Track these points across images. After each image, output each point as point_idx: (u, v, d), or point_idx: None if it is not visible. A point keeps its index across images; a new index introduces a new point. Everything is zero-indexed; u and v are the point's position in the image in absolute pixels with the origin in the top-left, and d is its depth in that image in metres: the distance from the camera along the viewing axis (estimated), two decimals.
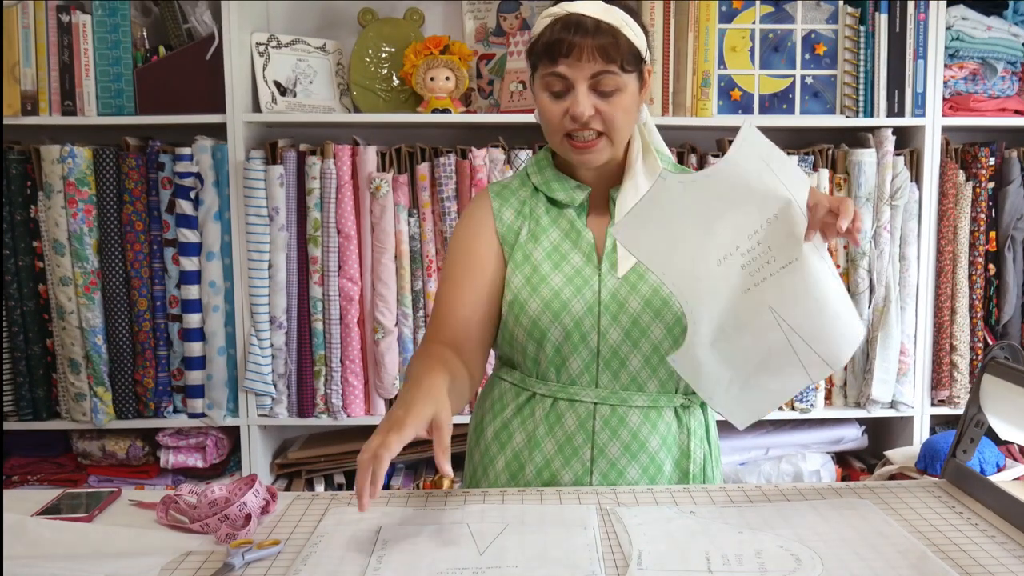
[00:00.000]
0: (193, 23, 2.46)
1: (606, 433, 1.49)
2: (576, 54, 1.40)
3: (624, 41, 1.42)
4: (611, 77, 1.41)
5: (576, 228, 1.51)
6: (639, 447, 1.49)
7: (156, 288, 2.44)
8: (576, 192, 1.52)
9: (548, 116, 1.46)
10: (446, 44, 2.47)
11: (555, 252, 1.51)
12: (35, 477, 2.51)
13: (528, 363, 1.53)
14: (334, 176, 2.40)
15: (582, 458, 1.49)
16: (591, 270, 1.49)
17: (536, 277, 1.49)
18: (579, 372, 1.49)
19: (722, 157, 1.28)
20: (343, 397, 2.48)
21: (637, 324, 1.47)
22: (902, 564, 1.15)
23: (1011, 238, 2.50)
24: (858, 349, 2.49)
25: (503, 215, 1.55)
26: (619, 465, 1.49)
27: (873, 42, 2.44)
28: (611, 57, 1.41)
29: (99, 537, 1.26)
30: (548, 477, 1.51)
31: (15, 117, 2.40)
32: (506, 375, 1.58)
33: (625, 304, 1.47)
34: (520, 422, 1.53)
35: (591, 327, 1.47)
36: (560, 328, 1.47)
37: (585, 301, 1.47)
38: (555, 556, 1.17)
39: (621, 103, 1.44)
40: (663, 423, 1.51)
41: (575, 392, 1.49)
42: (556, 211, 1.54)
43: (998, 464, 1.93)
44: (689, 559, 1.16)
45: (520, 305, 1.49)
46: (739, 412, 1.38)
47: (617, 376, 1.49)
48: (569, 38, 1.40)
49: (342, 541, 1.23)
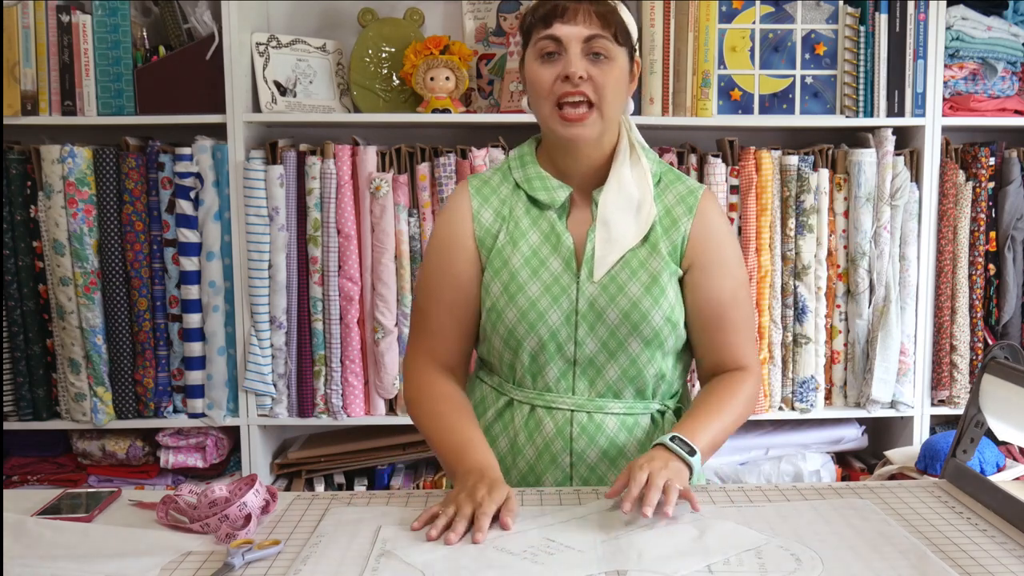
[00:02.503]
0: (193, 23, 2.46)
1: (584, 439, 1.48)
2: (571, 15, 1.41)
3: (618, 16, 1.44)
4: (604, 42, 1.42)
5: (556, 231, 1.49)
6: (617, 453, 1.49)
7: (156, 288, 2.44)
8: (558, 192, 1.50)
9: (539, 82, 1.44)
10: (446, 44, 2.47)
11: (534, 257, 1.48)
12: (35, 477, 2.51)
13: (505, 369, 1.53)
14: (334, 176, 2.40)
15: (561, 464, 1.49)
16: (569, 277, 1.47)
17: (514, 285, 1.47)
18: (555, 380, 1.48)
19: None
20: (343, 397, 2.47)
21: (615, 336, 1.46)
22: (902, 564, 1.15)
23: (1011, 238, 2.50)
24: (859, 349, 2.51)
25: (482, 217, 1.52)
26: (599, 471, 1.49)
27: (873, 42, 2.44)
28: (606, 22, 1.42)
29: (99, 537, 1.26)
30: (532, 482, 1.51)
31: (15, 117, 2.40)
32: (486, 377, 1.58)
33: (603, 315, 1.45)
34: (502, 427, 1.53)
35: (568, 337, 1.46)
36: (536, 338, 1.46)
37: (562, 311, 1.46)
38: (554, 556, 1.17)
39: (612, 73, 1.43)
40: (640, 429, 1.50)
41: (552, 399, 1.49)
42: (537, 211, 1.51)
43: (998, 464, 1.93)
44: (693, 561, 1.16)
45: (497, 314, 1.48)
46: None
47: (593, 384, 1.48)
48: (564, 2, 1.42)
49: (342, 541, 1.23)
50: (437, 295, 1.53)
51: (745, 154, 2.44)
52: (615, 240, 1.46)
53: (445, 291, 1.52)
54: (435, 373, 1.53)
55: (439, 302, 1.53)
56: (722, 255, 1.51)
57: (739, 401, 1.50)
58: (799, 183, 2.44)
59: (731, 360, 1.53)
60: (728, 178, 2.43)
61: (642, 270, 1.46)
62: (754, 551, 1.18)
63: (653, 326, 1.45)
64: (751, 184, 2.42)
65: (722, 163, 2.43)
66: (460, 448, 1.42)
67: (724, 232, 1.53)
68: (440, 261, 1.53)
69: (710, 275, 1.50)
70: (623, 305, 1.45)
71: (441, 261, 1.53)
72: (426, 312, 1.55)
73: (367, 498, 1.41)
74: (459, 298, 1.52)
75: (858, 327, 2.49)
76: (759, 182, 2.43)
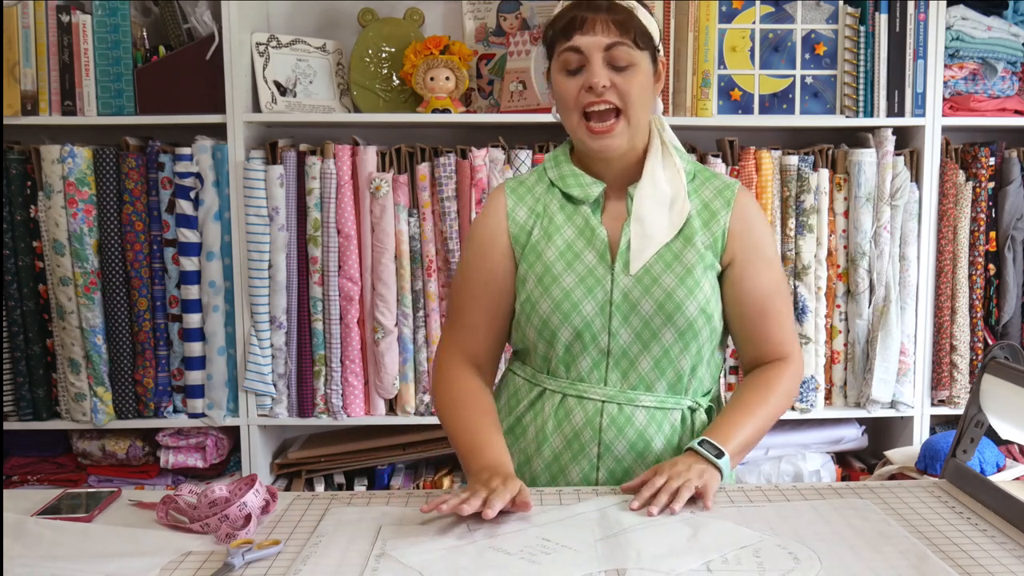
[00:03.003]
0: (193, 23, 2.46)
1: (613, 431, 1.49)
2: (590, 27, 1.44)
3: (637, 21, 1.46)
4: (625, 49, 1.44)
5: (591, 225, 1.52)
6: (644, 446, 1.50)
7: (156, 288, 2.44)
8: (592, 188, 1.52)
9: (564, 94, 1.48)
10: (446, 44, 2.47)
11: (568, 251, 1.51)
12: (35, 477, 2.51)
13: (539, 360, 1.54)
14: (334, 176, 2.40)
15: (589, 455, 1.50)
16: (604, 269, 1.49)
17: (548, 277, 1.50)
18: (588, 370, 1.50)
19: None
20: (343, 397, 2.47)
21: (648, 327, 1.47)
22: (902, 564, 1.15)
23: (1011, 238, 2.50)
24: (859, 349, 2.50)
25: (516, 214, 1.55)
26: (625, 463, 1.50)
27: (873, 42, 2.44)
28: (625, 29, 1.44)
29: (99, 537, 1.26)
30: (556, 471, 1.52)
31: (15, 117, 2.40)
32: (519, 370, 1.60)
33: (637, 306, 1.47)
34: (532, 416, 1.55)
35: (602, 327, 1.48)
36: (570, 328, 1.48)
37: (597, 302, 1.48)
38: (551, 555, 1.17)
39: (635, 79, 1.46)
40: (668, 424, 1.51)
41: (584, 389, 1.50)
42: (571, 207, 1.54)
43: (998, 464, 1.93)
44: (690, 560, 1.16)
45: (532, 305, 1.50)
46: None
47: (626, 376, 1.50)
48: (582, 14, 1.45)
49: (342, 541, 1.23)
50: (471, 291, 1.57)
51: (745, 154, 2.44)
52: (649, 235, 1.49)
53: (479, 287, 1.56)
54: (464, 368, 1.56)
55: (473, 298, 1.57)
56: (762, 247, 1.54)
57: (776, 396, 1.53)
58: (799, 183, 2.44)
59: (773, 350, 1.56)
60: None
61: (676, 262, 1.48)
62: (752, 550, 1.18)
63: (687, 316, 1.46)
64: (751, 184, 2.42)
65: (722, 163, 2.43)
66: (478, 447, 1.45)
67: (762, 225, 1.57)
68: (475, 258, 1.57)
69: (752, 267, 1.53)
70: (657, 296, 1.47)
71: (476, 258, 1.57)
72: (460, 307, 1.59)
73: (367, 498, 1.41)
74: (492, 294, 1.56)
75: (858, 327, 2.49)
76: (759, 182, 2.43)
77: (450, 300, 1.63)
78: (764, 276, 1.53)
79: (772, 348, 1.56)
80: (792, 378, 1.57)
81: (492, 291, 1.56)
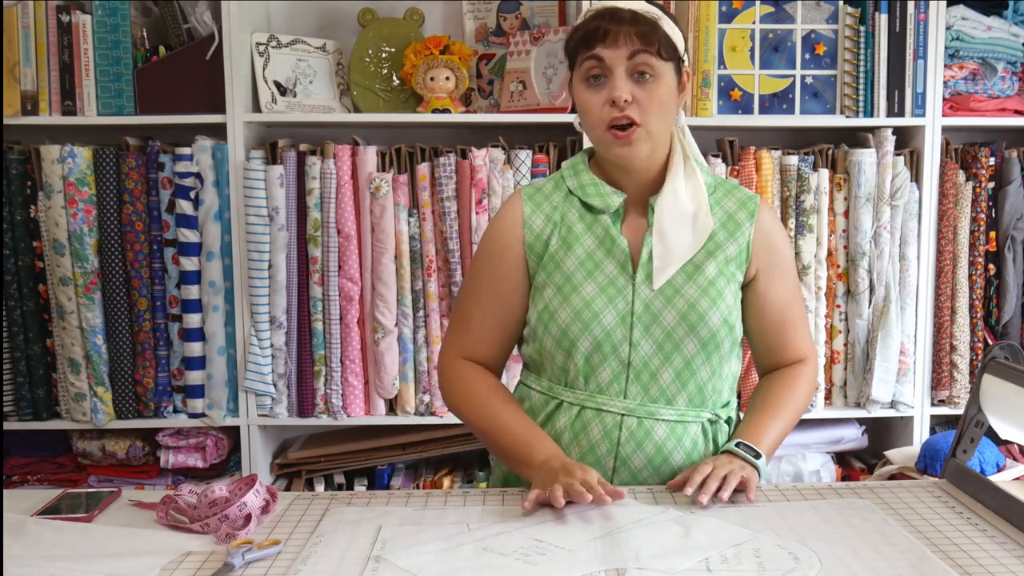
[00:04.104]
0: (193, 23, 2.46)
1: (631, 445, 1.47)
2: (612, 38, 1.42)
3: (661, 31, 1.44)
4: (647, 58, 1.42)
5: (611, 236, 1.49)
6: (662, 461, 1.48)
7: (156, 288, 2.44)
8: (612, 198, 1.50)
9: (588, 106, 1.46)
10: (446, 44, 2.47)
11: (588, 260, 1.49)
12: (35, 477, 2.51)
13: (556, 371, 1.52)
14: (334, 176, 2.40)
15: (604, 467, 1.48)
16: (625, 280, 1.48)
17: (568, 287, 1.48)
18: (608, 382, 1.47)
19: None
20: (343, 397, 2.47)
21: (671, 338, 1.46)
22: (902, 564, 1.15)
23: (1011, 238, 2.50)
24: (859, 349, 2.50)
25: (533, 222, 1.53)
26: (641, 477, 1.49)
27: (873, 42, 2.44)
28: (648, 40, 1.42)
29: (99, 537, 1.26)
30: None
31: (15, 117, 2.40)
32: (533, 383, 1.57)
33: (659, 317, 1.46)
34: (548, 430, 1.52)
35: (623, 338, 1.46)
36: (590, 338, 1.46)
37: (617, 312, 1.46)
38: (546, 556, 1.17)
39: (657, 92, 1.44)
40: (688, 438, 1.49)
41: (603, 402, 1.48)
42: (591, 217, 1.51)
43: (998, 464, 1.93)
44: (688, 558, 1.16)
45: (550, 314, 1.48)
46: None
47: (647, 389, 1.47)
48: (605, 25, 1.43)
49: (342, 541, 1.23)
50: (480, 298, 1.55)
51: (745, 154, 2.44)
52: (672, 251, 1.48)
53: (488, 295, 1.55)
54: (476, 367, 1.56)
55: (480, 304, 1.55)
56: (783, 259, 1.56)
57: (797, 397, 1.56)
58: (799, 183, 2.44)
59: (792, 355, 1.58)
60: (728, 178, 2.43)
61: (698, 273, 1.48)
62: (752, 550, 1.18)
63: (711, 327, 1.46)
64: (751, 184, 2.42)
65: (722, 163, 2.43)
66: (532, 440, 1.45)
67: (783, 237, 1.59)
68: (487, 265, 1.55)
69: (774, 279, 1.54)
70: (680, 307, 1.46)
71: (488, 265, 1.55)
72: (467, 314, 1.57)
73: (367, 498, 1.41)
74: (501, 302, 1.54)
75: (858, 327, 2.49)
76: (759, 182, 2.43)
77: (456, 306, 1.60)
78: (784, 286, 1.55)
79: (791, 354, 1.58)
80: (811, 379, 1.60)
81: (502, 299, 1.54)
